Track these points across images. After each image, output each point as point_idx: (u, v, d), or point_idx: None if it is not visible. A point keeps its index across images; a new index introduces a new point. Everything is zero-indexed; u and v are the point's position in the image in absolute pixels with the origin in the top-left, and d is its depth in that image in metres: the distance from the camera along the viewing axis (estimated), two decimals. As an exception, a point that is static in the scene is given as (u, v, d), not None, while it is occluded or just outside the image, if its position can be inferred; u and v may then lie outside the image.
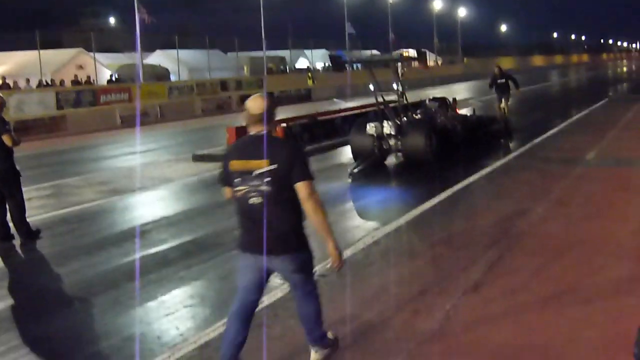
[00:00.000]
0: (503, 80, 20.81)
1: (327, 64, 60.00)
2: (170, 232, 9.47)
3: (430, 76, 54.96)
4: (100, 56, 39.92)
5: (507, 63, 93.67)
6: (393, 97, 15.03)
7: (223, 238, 8.69)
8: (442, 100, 16.53)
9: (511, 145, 16.87)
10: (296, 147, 4.75)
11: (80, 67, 37.72)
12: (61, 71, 36.20)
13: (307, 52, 61.49)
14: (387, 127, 13.79)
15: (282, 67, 56.61)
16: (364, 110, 20.56)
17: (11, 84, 31.83)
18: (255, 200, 4.32)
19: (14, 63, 37.39)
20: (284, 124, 17.63)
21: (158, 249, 8.52)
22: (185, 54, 46.95)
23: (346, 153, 15.27)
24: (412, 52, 66.37)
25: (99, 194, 12.50)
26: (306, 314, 4.71)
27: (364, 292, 6.33)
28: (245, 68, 52.37)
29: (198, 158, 16.21)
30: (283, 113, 24.55)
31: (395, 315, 5.74)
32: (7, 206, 8.98)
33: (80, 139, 23.55)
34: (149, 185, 13.19)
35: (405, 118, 14.45)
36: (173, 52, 44.16)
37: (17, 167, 9.09)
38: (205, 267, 7.69)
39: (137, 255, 8.23)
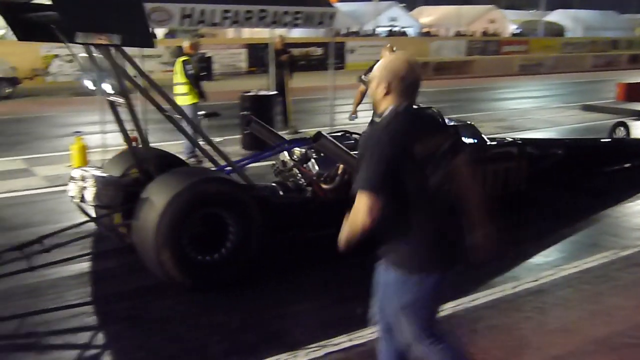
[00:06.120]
0: None
1: None
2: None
3: None
4: (508, 12, 39.51)
5: None
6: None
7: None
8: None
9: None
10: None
11: (492, 21, 37.83)
12: (474, 23, 36.75)
13: None
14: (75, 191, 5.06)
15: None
16: None
17: (434, 32, 33.42)
18: (446, 188, 2.65)
19: (437, 14, 39.15)
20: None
21: None
22: (583, 14, 43.73)
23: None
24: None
25: (497, 129, 12.55)
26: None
27: None
28: (637, 30, 47.05)
29: (587, 108, 15.26)
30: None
31: None
32: None
33: (483, 81, 23.77)
34: (540, 127, 12.86)
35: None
36: (572, 11, 41.51)
37: None
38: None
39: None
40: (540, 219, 6.52)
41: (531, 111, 15.28)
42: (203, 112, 8.72)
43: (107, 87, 5.09)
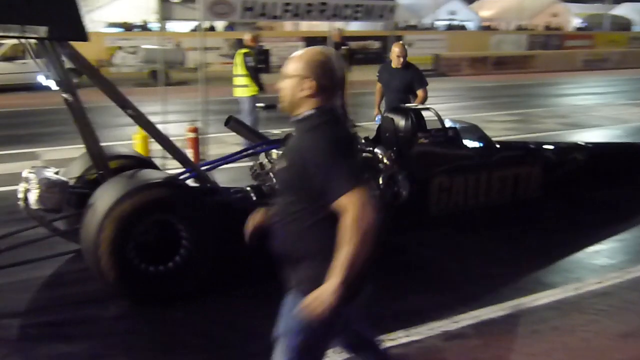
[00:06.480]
0: None
1: None
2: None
3: None
4: (572, 6, 38.29)
5: None
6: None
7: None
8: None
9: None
10: None
11: (555, 14, 36.77)
12: (536, 17, 35.80)
13: None
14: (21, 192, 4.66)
15: None
16: None
17: (494, 26, 32.70)
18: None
19: (498, 8, 38.22)
20: None
21: None
22: (652, 7, 42.01)
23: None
24: None
25: (559, 125, 12.23)
26: None
27: None
28: None
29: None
30: None
31: None
32: None
33: (545, 77, 23.15)
34: (604, 124, 12.42)
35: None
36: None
37: None
38: None
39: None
40: (597, 220, 6.23)
41: (595, 108, 14.78)
42: (262, 104, 8.80)
43: (51, 84, 4.51)
